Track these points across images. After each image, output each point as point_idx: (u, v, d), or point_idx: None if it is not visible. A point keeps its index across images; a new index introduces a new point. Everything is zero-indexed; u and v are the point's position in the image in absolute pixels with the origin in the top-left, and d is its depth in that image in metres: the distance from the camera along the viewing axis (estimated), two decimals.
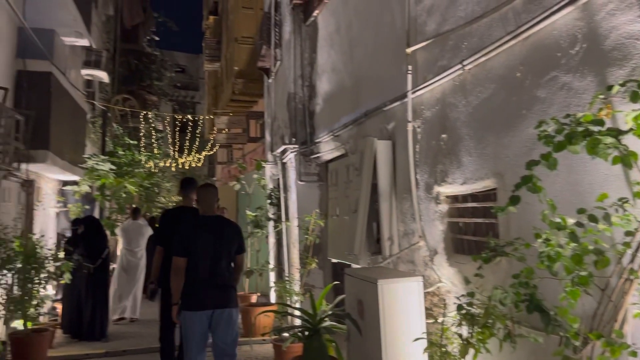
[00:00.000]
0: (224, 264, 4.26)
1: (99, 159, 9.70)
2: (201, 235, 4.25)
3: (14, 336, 5.99)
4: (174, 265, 4.22)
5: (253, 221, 8.65)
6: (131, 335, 7.67)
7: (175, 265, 4.20)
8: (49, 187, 9.59)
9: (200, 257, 4.19)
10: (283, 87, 8.19)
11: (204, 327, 4.13)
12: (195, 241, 4.22)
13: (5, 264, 5.36)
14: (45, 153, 7.50)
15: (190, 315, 4.11)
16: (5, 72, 7.07)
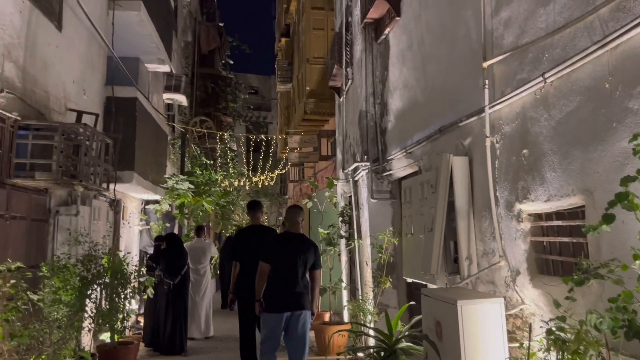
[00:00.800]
0: (301, 274, 5.05)
1: (179, 178, 10.14)
2: (284, 247, 5.16)
3: (102, 348, 6.33)
4: (259, 269, 5.09)
5: (325, 239, 8.69)
6: (209, 351, 7.88)
7: (261, 269, 5.08)
8: (133, 206, 10.13)
9: (281, 266, 5.04)
10: (354, 105, 8.23)
11: (280, 327, 4.93)
12: (279, 252, 5.12)
13: (94, 279, 5.69)
14: (131, 174, 7.94)
15: (269, 317, 4.94)
16: (96, 99, 7.59)
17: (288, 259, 5.09)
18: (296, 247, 5.14)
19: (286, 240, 5.26)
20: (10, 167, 5.09)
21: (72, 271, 5.27)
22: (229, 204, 13.54)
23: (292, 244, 5.18)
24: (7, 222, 5.07)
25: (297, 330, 5.00)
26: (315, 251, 5.28)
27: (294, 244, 5.18)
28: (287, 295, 5.00)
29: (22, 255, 5.37)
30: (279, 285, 5.02)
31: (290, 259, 5.08)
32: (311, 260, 5.18)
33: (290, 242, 5.20)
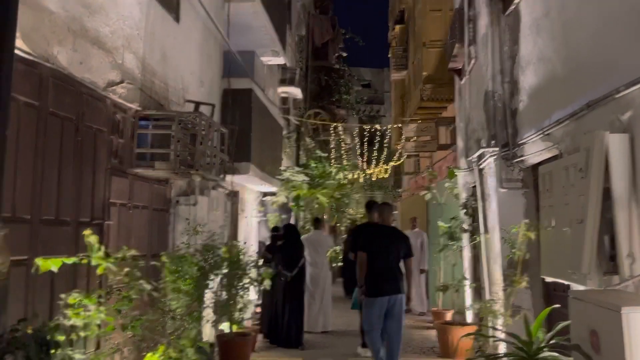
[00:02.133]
0: (395, 262, 5.82)
1: (294, 170, 10.08)
2: (379, 239, 5.92)
3: (220, 339, 6.34)
4: (359, 258, 5.89)
5: (447, 233, 8.09)
6: (326, 346, 7.66)
7: (360, 258, 5.87)
8: (251, 197, 10.25)
9: (379, 256, 5.78)
10: (478, 87, 7.52)
11: (382, 310, 5.66)
12: (374, 243, 5.87)
13: (212, 269, 5.67)
14: (248, 165, 7.95)
15: (372, 301, 5.70)
16: (213, 91, 7.68)
17: (384, 249, 5.83)
18: (390, 238, 5.94)
19: (380, 233, 6.01)
20: (132, 157, 5.19)
21: (190, 261, 5.26)
22: (343, 197, 13.32)
23: (385, 237, 5.95)
24: (130, 211, 5.17)
25: (395, 312, 5.74)
26: (406, 242, 6.06)
27: (388, 236, 5.97)
28: (385, 282, 5.72)
29: (144, 244, 5.47)
30: (379, 273, 5.74)
31: (386, 249, 5.83)
32: (404, 250, 5.94)
33: (384, 235, 5.96)
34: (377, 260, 5.74)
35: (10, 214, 3.47)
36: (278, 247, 8.07)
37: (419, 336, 8.38)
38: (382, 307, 5.67)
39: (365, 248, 5.86)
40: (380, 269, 5.74)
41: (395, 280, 5.75)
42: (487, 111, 6.93)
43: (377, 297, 5.67)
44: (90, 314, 3.02)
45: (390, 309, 5.69)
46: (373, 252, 5.79)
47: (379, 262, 5.74)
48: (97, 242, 3.24)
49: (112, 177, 4.80)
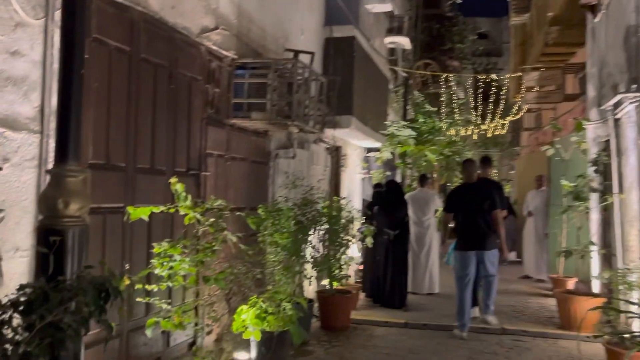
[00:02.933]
0: (481, 219, 5.94)
1: (400, 125, 9.55)
2: (463, 198, 6.15)
3: (321, 294, 6.20)
4: (443, 218, 6.65)
5: (571, 192, 7.20)
6: (430, 308, 7.27)
7: (445, 218, 6.49)
8: (355, 153, 9.93)
9: (463, 214, 6.04)
10: (617, 22, 6.42)
11: (472, 263, 5.90)
12: (460, 201, 6.15)
13: (311, 224, 5.46)
14: (349, 118, 7.59)
15: (462, 255, 5.99)
16: (314, 39, 7.35)
17: (468, 207, 6.01)
18: (473, 196, 6.07)
19: (464, 192, 6.27)
20: (229, 107, 5.05)
21: (287, 214, 5.09)
22: (454, 154, 12.55)
23: (470, 194, 6.12)
24: (227, 162, 5.08)
25: (485, 266, 5.95)
26: (491, 195, 6.10)
27: (472, 194, 6.11)
28: (473, 237, 5.96)
29: (242, 197, 5.39)
30: (466, 229, 6.00)
31: (471, 207, 6.00)
32: (489, 203, 6.02)
33: (468, 193, 6.16)
34: (465, 218, 6.01)
35: (104, 161, 3.45)
36: (381, 205, 7.67)
37: (535, 304, 7.69)
38: (470, 261, 5.92)
39: (448, 209, 6.31)
40: (468, 225, 5.99)
41: (482, 236, 5.94)
42: (628, 50, 5.89)
43: (465, 251, 5.97)
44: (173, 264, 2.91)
45: (480, 264, 5.96)
46: (460, 210, 6.08)
47: (467, 219, 5.99)
48: (183, 190, 3.10)
49: (208, 127, 4.69)
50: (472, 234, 5.96)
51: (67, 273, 2.27)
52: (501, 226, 6.16)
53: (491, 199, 6.07)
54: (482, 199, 6.03)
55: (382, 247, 7.24)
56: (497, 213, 6.12)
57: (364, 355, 5.15)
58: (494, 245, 6.01)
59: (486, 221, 5.96)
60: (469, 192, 6.16)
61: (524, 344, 5.68)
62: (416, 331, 6.13)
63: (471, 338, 5.86)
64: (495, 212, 6.07)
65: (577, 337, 5.25)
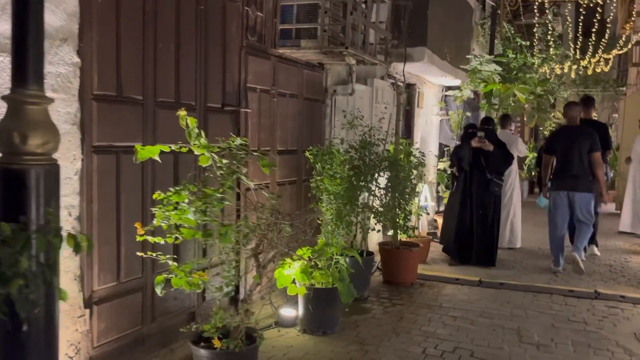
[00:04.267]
0: (577, 160, 5.96)
1: (484, 59, 8.45)
2: (562, 139, 6.17)
3: (383, 247, 5.64)
4: (543, 160, 6.45)
5: None
6: (509, 265, 6.48)
7: (545, 160, 6.39)
8: (431, 92, 9.02)
9: (560, 155, 6.10)
10: None
11: (563, 202, 6.05)
12: (559, 144, 6.17)
13: (369, 169, 4.83)
14: (422, 50, 6.72)
15: (554, 194, 6.16)
16: None
17: (566, 148, 6.05)
18: (573, 138, 6.05)
19: (565, 133, 6.27)
20: (274, 35, 4.44)
21: (338, 158, 4.48)
22: (547, 94, 11.15)
23: (569, 136, 6.12)
24: (273, 98, 4.51)
25: (578, 209, 5.98)
26: (590, 137, 6.01)
27: (571, 136, 6.09)
28: (566, 178, 6.03)
29: (293, 138, 4.85)
30: (561, 170, 6.10)
31: (567, 148, 6.04)
32: (587, 146, 5.97)
33: (567, 135, 6.16)
34: (561, 159, 6.08)
35: (114, 92, 2.99)
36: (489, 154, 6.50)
37: (636, 265, 6.65)
38: (561, 201, 6.06)
39: (549, 150, 6.32)
40: (562, 166, 6.07)
41: (575, 178, 5.98)
42: None
43: (557, 190, 6.10)
44: (171, 214, 2.44)
45: (573, 206, 6.01)
46: (558, 152, 6.14)
47: (563, 161, 6.06)
48: (195, 125, 2.58)
49: (248, 57, 4.12)
50: (566, 174, 6.02)
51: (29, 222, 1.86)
52: (601, 169, 6.07)
53: (592, 140, 6.00)
54: (582, 140, 5.99)
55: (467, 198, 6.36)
56: (597, 156, 6.00)
57: (427, 317, 4.56)
58: (589, 188, 5.99)
59: (582, 163, 5.96)
60: (570, 134, 6.13)
61: (621, 313, 4.82)
62: (491, 291, 5.42)
63: (557, 302, 5.08)
64: (596, 155, 5.97)
65: None
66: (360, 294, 4.80)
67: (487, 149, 6.33)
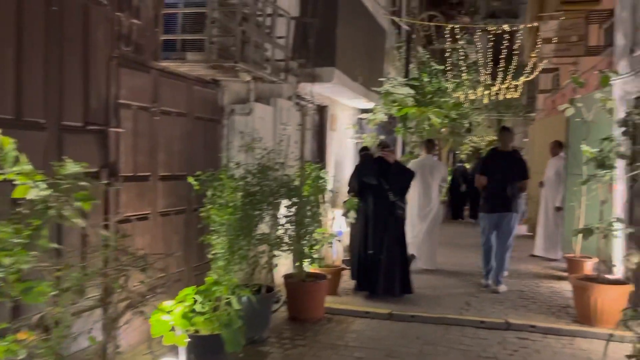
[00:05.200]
0: (508, 184, 6.34)
1: (396, 82, 8.34)
2: (495, 163, 6.55)
3: (288, 280, 5.18)
4: (476, 180, 6.80)
5: (594, 159, 6.01)
6: (423, 293, 6.19)
7: (478, 180, 6.66)
8: (344, 114, 8.78)
9: (494, 178, 6.39)
10: None
11: (494, 222, 6.42)
12: (492, 167, 6.54)
13: (267, 196, 4.38)
14: (332, 71, 6.44)
15: (486, 215, 6.50)
16: None
17: (498, 172, 6.41)
18: (505, 162, 6.48)
19: (499, 157, 6.61)
20: (156, 47, 3.93)
21: (228, 184, 4.01)
22: (460, 118, 11.31)
23: (502, 160, 6.51)
24: (155, 117, 3.98)
25: (503, 228, 6.41)
26: (521, 164, 6.69)
27: (503, 160, 6.51)
28: (498, 199, 6.39)
29: (180, 162, 4.31)
30: (493, 191, 6.43)
31: (500, 172, 6.40)
32: (517, 171, 6.49)
33: (501, 159, 6.54)
34: (493, 182, 6.41)
35: None
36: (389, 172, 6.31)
37: (547, 290, 6.59)
38: (493, 221, 6.44)
39: (483, 172, 6.62)
40: (494, 189, 6.41)
41: (506, 200, 6.36)
42: None
43: (488, 213, 6.48)
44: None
45: (499, 225, 6.41)
46: (490, 175, 6.47)
47: (494, 183, 6.39)
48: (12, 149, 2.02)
49: (121, 69, 3.58)
50: (498, 196, 6.37)
51: None
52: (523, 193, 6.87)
53: (522, 166, 6.63)
54: (514, 166, 6.50)
55: (378, 221, 6.04)
56: (526, 182, 6.69)
57: (330, 359, 4.13)
58: (516, 209, 6.49)
59: (512, 187, 6.37)
60: (503, 158, 6.53)
61: (533, 344, 4.62)
62: (401, 325, 5.09)
63: (468, 335, 4.82)
64: (525, 181, 6.61)
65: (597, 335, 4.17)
66: (258, 337, 4.31)
67: (390, 159, 6.21)
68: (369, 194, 6.05)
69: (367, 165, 6.40)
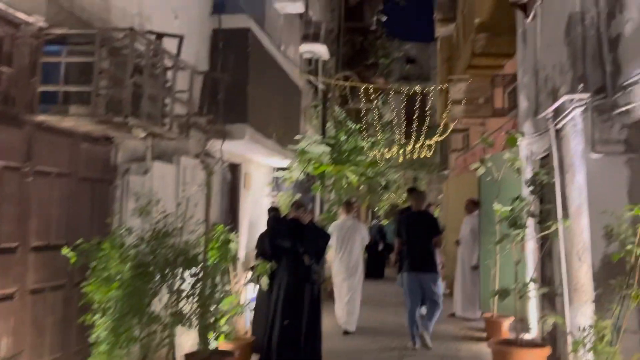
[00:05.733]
0: (425, 243, 6.73)
1: (311, 140, 8.20)
2: (411, 224, 6.92)
3: (189, 357, 4.60)
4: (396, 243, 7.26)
5: (507, 218, 6.03)
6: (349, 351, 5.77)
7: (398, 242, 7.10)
8: (259, 173, 8.46)
9: (410, 238, 6.79)
10: (557, 15, 5.40)
11: (415, 284, 6.63)
12: (407, 228, 6.90)
13: (164, 266, 3.88)
14: (243, 128, 6.14)
15: (406, 275, 6.74)
16: (194, 28, 5.85)
17: (414, 233, 6.73)
18: (420, 222, 6.83)
19: (413, 218, 6.97)
20: (32, 97, 3.45)
21: (113, 255, 3.49)
22: (376, 176, 11.36)
23: (416, 221, 6.87)
24: (27, 179, 3.44)
25: (428, 288, 6.58)
26: (434, 223, 7.08)
27: (418, 221, 6.87)
28: (415, 259, 6.64)
29: (59, 229, 3.75)
30: (409, 252, 6.71)
31: (415, 232, 6.73)
32: (432, 230, 6.85)
33: (415, 220, 6.90)
34: (410, 242, 6.73)
35: None
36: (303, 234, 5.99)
37: (467, 353, 6.41)
38: (414, 281, 6.60)
39: (399, 234, 6.97)
40: (412, 249, 6.70)
41: (425, 259, 6.65)
42: (572, 44, 4.84)
43: (409, 272, 6.64)
44: None
45: (424, 284, 6.59)
46: (407, 236, 6.79)
47: (411, 243, 6.72)
48: None
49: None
50: (415, 256, 6.64)
51: None
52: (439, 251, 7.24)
53: (434, 225, 7.02)
54: (427, 225, 6.84)
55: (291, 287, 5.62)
56: (440, 238, 7.16)
57: None
58: (434, 268, 6.79)
59: (428, 246, 6.69)
60: (417, 219, 6.89)
61: None
62: None
63: None
64: (438, 238, 7.05)
65: None
66: None
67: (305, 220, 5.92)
68: (282, 258, 5.68)
69: (280, 227, 6.08)
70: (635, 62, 4.01)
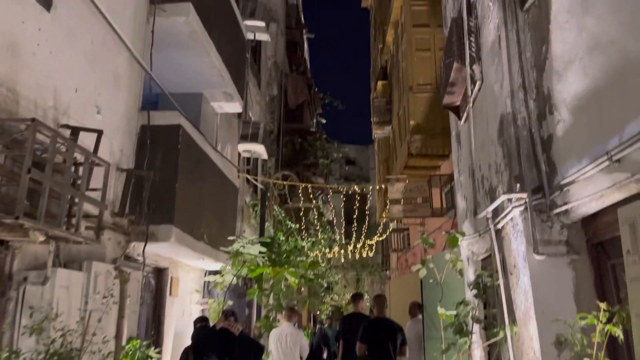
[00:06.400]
0: (391, 349, 6.69)
1: (246, 240, 7.76)
2: (375, 329, 6.85)
3: None
4: (358, 348, 6.79)
5: (453, 324, 5.70)
6: None
7: (359, 348, 6.77)
8: (189, 277, 7.84)
9: (375, 344, 6.71)
10: (489, 117, 5.49)
11: None
12: (372, 334, 6.81)
13: None
14: (169, 229, 5.68)
15: None
16: (120, 124, 5.52)
17: (380, 339, 6.63)
18: (385, 330, 6.76)
19: (377, 324, 6.83)
20: None
21: None
22: (317, 277, 10.90)
23: (381, 327, 6.76)
24: None
25: None
26: (401, 331, 6.91)
27: (383, 327, 6.78)
28: None
29: None
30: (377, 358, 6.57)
31: (382, 339, 6.63)
32: (399, 338, 6.77)
33: (380, 326, 6.79)
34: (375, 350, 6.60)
35: None
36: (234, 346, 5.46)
37: None
38: None
39: (363, 340, 6.72)
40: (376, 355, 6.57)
41: None
42: (506, 144, 4.84)
43: None
44: None
45: None
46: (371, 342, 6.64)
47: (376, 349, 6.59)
48: None
49: None
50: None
51: None
52: None
53: (401, 332, 6.91)
54: (393, 332, 6.79)
55: None
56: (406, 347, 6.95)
57: None
58: None
59: (394, 353, 6.66)
60: (381, 326, 6.84)
61: None
62: None
63: None
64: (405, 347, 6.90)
65: None
66: None
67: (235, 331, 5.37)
68: None
69: (208, 339, 5.47)
70: (569, 162, 3.98)
